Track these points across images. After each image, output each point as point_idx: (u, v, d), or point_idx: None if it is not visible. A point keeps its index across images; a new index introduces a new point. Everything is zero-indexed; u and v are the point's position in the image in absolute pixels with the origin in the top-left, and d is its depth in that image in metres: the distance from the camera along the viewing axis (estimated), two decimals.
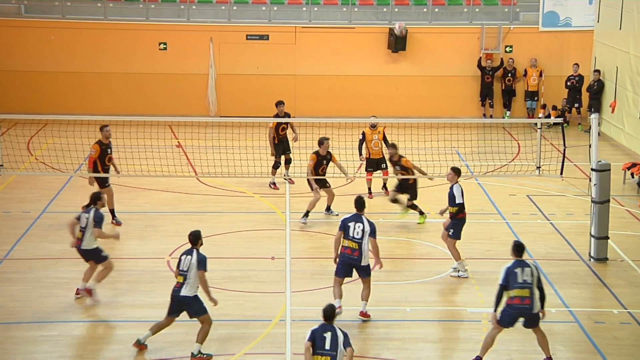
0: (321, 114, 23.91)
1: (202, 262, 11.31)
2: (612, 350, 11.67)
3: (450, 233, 13.86)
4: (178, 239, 15.18)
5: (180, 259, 11.40)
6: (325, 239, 15.57)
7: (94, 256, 12.77)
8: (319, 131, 18.55)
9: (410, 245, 15.34)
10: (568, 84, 24.27)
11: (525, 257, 11.32)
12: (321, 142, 16.30)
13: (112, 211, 15.94)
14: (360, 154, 17.84)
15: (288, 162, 18.52)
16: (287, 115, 18.53)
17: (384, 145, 17.56)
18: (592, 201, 14.60)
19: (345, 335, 9.87)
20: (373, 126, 17.69)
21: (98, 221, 12.63)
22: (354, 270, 12.30)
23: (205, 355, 11.22)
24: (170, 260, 14.40)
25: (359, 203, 12.32)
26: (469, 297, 13.28)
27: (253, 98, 24.18)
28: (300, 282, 13.68)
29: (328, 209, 16.64)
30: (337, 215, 16.11)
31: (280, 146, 18.46)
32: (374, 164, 17.78)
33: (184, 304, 11.24)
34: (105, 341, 11.77)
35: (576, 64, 24.10)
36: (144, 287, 13.38)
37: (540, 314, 10.98)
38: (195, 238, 11.53)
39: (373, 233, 12.10)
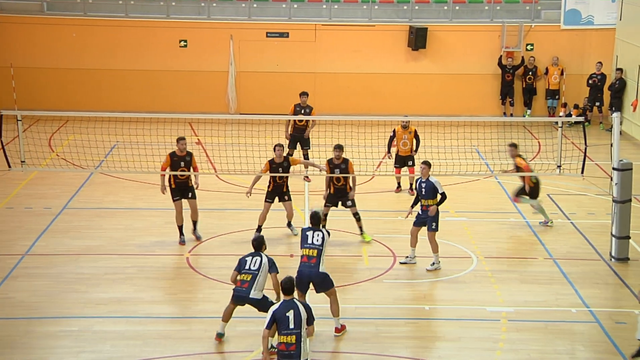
0: (341, 112, 23.91)
1: (273, 265, 11.31)
2: (632, 350, 11.43)
3: (433, 226, 13.89)
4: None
5: (244, 261, 11.33)
6: (343, 236, 15.56)
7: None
8: (338, 129, 18.54)
9: (428, 243, 15.22)
10: (590, 82, 24.11)
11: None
12: (274, 148, 15.10)
13: (194, 223, 15.26)
14: (389, 152, 17.90)
15: (305, 157, 18.54)
16: (309, 107, 18.53)
17: (414, 143, 17.74)
18: (614, 200, 14.49)
19: (308, 311, 9.88)
20: (405, 126, 17.69)
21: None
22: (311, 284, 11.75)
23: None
24: (189, 257, 14.46)
25: (315, 218, 11.92)
26: (488, 295, 13.22)
27: (273, 95, 24.20)
28: None
29: (289, 224, 15.59)
30: (296, 234, 15.32)
31: (294, 140, 18.50)
32: (401, 161, 17.89)
33: (252, 304, 11.27)
34: (125, 337, 11.80)
35: (599, 62, 23.93)
36: (164, 284, 13.44)
37: None
38: (259, 243, 11.45)
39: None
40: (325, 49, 24.63)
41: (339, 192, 15.03)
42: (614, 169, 14.48)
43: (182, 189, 14.85)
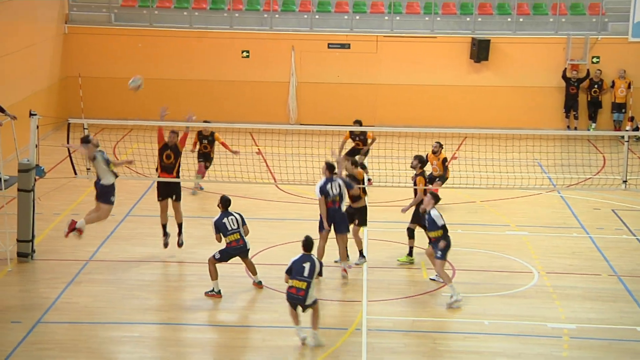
0: (401, 123, 23.80)
1: (321, 269, 11.96)
2: None
3: (438, 254, 13.25)
4: (258, 245, 15.33)
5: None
6: (402, 248, 15.48)
7: (103, 194, 13.77)
8: (398, 140, 18.50)
9: (489, 257, 15.12)
10: None
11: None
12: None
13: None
14: None
15: (362, 167, 18.68)
16: (363, 133, 18.74)
17: (442, 169, 17.20)
18: None
19: (321, 265, 11.75)
20: (435, 152, 17.40)
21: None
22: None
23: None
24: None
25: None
26: (550, 312, 13.01)
27: (333, 106, 24.27)
28: (376, 291, 13.63)
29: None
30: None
31: (354, 153, 18.61)
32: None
33: (244, 253, 13.28)
34: (184, 344, 11.93)
35: None
36: (223, 292, 13.52)
37: None
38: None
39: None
40: (387, 60, 24.62)
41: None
42: None
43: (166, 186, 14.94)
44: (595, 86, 24.28)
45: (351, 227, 14.41)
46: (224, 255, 13.24)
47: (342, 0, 25.38)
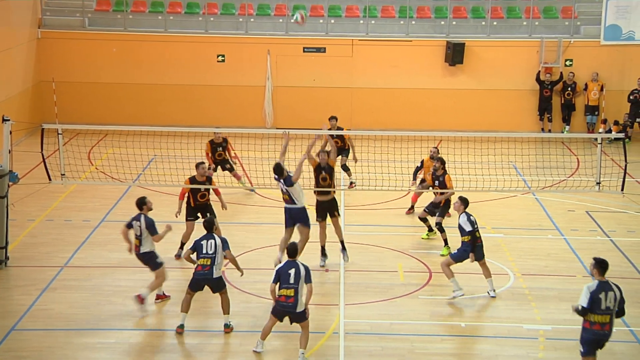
0: (377, 127, 23.94)
1: (225, 242, 12.42)
2: None
3: (453, 253, 13.66)
4: (234, 250, 15.27)
5: (200, 245, 12.18)
6: (380, 252, 15.56)
7: (150, 260, 13.02)
8: (374, 143, 18.58)
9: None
10: (631, 98, 23.95)
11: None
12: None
13: (182, 244, 15.37)
14: (414, 179, 17.43)
15: (345, 169, 18.97)
16: (340, 129, 18.78)
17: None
18: None
19: (307, 271, 11.44)
20: (432, 157, 17.37)
21: (151, 226, 12.89)
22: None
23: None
24: (225, 271, 14.50)
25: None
26: (526, 313, 13.13)
27: (309, 110, 24.33)
28: (353, 294, 13.68)
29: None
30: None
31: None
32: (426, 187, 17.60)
33: (212, 285, 12.31)
34: (162, 350, 11.91)
35: None
36: (200, 297, 13.40)
37: None
38: (210, 224, 12.44)
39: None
40: (362, 64, 24.72)
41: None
42: None
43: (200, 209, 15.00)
44: (569, 89, 24.54)
45: (331, 220, 14.77)
46: (192, 284, 12.36)
47: (317, 4, 25.44)
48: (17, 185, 15.70)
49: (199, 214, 15.10)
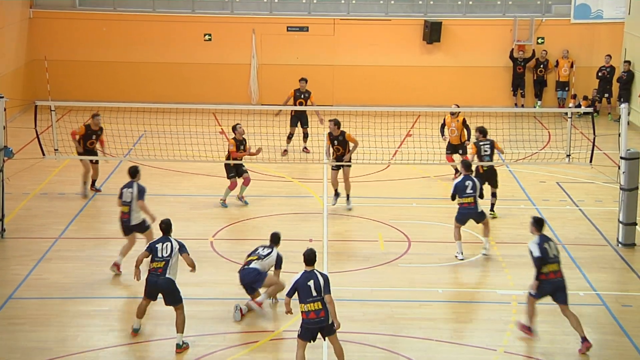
0: (358, 103, 24.36)
1: (142, 192, 13.18)
2: (638, 332, 11.88)
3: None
4: (221, 221, 15.82)
5: (155, 248, 11.41)
6: (360, 222, 16.05)
7: (140, 228, 13.54)
8: (355, 119, 19.03)
9: (443, 229, 15.59)
10: (599, 74, 24.33)
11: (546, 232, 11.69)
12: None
13: (94, 181, 17.30)
14: (442, 135, 18.25)
15: (305, 135, 20.08)
16: (308, 92, 20.06)
17: (464, 132, 17.96)
18: (621, 188, 14.86)
19: (325, 280, 10.23)
20: (453, 114, 17.96)
21: (142, 192, 13.40)
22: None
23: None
24: (213, 242, 14.97)
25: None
26: (499, 279, 13.56)
27: (293, 87, 24.52)
28: (336, 263, 14.04)
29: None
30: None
31: (296, 119, 19.96)
32: (452, 148, 18.17)
33: (164, 290, 11.32)
34: (153, 316, 12.00)
35: (608, 55, 24.22)
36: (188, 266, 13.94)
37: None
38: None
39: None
40: (344, 42, 25.06)
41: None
42: (621, 158, 14.84)
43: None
44: (541, 66, 25.00)
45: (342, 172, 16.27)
46: (146, 291, 11.46)
47: None
48: (12, 160, 15.94)
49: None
